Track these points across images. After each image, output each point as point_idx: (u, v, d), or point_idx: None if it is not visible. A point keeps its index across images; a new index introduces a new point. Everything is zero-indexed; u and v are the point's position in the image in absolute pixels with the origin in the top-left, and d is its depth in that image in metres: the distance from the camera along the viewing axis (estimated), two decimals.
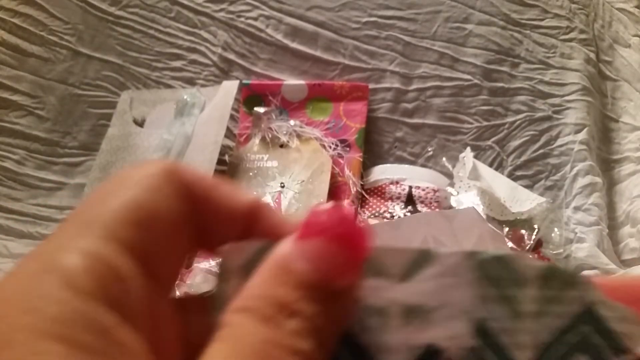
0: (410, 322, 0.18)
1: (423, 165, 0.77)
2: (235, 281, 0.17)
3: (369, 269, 0.18)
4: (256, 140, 0.74)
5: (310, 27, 0.79)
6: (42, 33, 0.80)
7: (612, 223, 0.74)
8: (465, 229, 0.43)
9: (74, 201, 0.75)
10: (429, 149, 0.77)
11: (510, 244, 0.62)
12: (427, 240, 0.42)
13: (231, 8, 0.80)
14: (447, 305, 0.19)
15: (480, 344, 0.19)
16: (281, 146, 0.73)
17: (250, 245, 0.17)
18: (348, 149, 0.74)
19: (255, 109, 0.75)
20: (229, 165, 0.74)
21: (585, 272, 0.65)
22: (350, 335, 0.18)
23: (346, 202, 0.70)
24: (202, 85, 0.78)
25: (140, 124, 0.75)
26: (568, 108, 0.77)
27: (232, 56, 0.80)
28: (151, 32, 0.80)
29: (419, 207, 0.70)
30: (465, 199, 0.68)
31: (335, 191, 0.71)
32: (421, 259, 0.18)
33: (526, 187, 0.74)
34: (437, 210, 0.69)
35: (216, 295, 0.17)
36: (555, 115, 0.77)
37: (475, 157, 0.74)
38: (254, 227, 0.17)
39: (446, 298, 0.19)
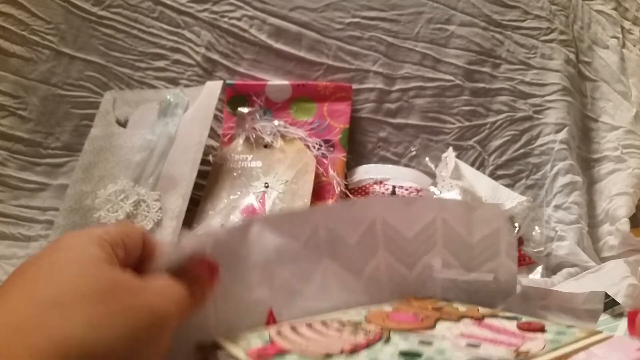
0: None
1: (406, 165, 0.78)
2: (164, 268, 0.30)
3: None
4: (240, 141, 0.74)
5: (294, 27, 0.79)
6: (23, 33, 0.79)
7: (592, 221, 0.75)
8: (485, 221, 0.40)
9: (57, 202, 0.75)
10: (412, 149, 0.78)
11: None
12: (435, 221, 0.41)
13: (215, 8, 0.80)
14: None
15: None
16: (265, 146, 0.73)
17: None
18: (332, 149, 0.74)
19: (239, 109, 0.75)
20: (213, 165, 0.74)
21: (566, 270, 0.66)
22: None
23: (330, 202, 0.71)
24: (186, 86, 0.78)
25: (123, 124, 0.75)
26: (548, 108, 0.78)
27: (215, 56, 0.80)
28: (134, 32, 0.80)
29: None
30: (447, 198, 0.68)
31: (319, 191, 0.71)
32: None
33: (507, 186, 0.75)
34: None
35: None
36: (535, 115, 0.78)
37: (457, 156, 0.75)
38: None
39: None
